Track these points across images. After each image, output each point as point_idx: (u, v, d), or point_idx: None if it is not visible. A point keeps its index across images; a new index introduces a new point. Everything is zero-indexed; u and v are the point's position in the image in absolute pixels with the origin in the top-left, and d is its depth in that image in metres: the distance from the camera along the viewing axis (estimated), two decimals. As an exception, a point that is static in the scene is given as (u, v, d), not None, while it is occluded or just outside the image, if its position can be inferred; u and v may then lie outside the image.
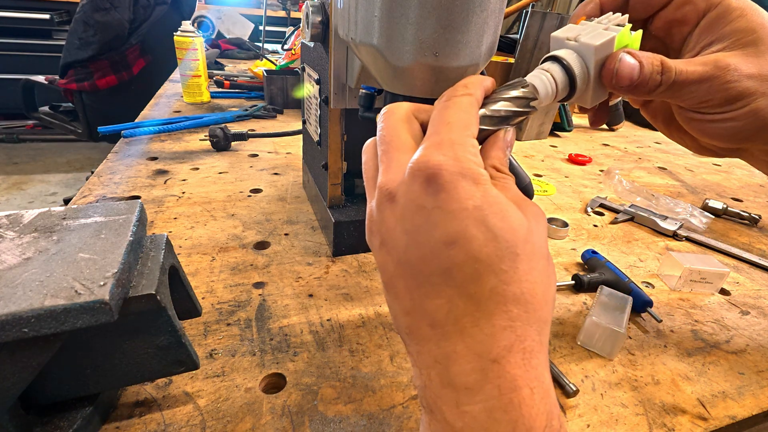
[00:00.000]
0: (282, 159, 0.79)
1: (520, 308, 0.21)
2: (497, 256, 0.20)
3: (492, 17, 0.29)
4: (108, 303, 0.22)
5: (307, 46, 0.52)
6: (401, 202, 0.22)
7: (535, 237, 0.22)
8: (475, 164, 0.22)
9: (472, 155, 0.22)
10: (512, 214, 0.21)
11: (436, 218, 0.21)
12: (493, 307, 0.20)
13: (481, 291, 0.20)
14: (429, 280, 0.21)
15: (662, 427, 0.34)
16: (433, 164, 0.21)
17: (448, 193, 0.21)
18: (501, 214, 0.21)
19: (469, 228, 0.20)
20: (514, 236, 0.21)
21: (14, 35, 2.55)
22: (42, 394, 0.27)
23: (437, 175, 0.21)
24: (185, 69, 1.03)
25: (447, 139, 0.22)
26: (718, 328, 0.46)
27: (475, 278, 0.20)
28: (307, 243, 0.53)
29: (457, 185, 0.21)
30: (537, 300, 0.21)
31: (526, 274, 0.21)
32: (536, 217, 0.23)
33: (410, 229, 0.22)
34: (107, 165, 0.69)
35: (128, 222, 0.28)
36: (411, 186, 0.22)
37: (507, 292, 0.20)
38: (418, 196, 0.21)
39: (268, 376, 0.35)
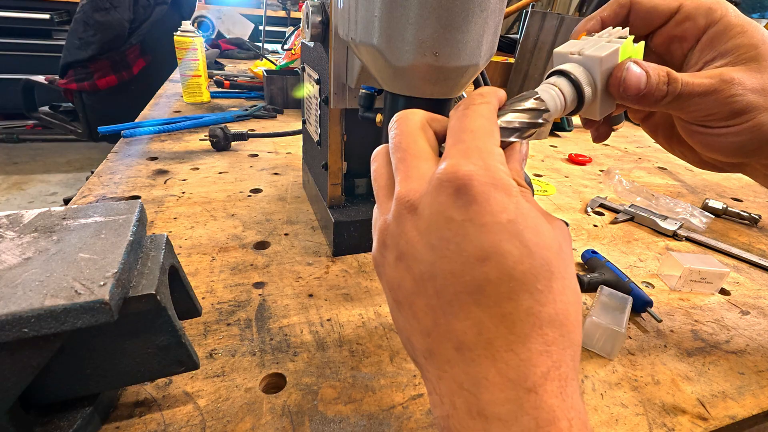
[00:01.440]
0: (282, 159, 0.79)
1: (556, 331, 0.19)
2: (533, 274, 0.19)
3: (492, 17, 0.29)
4: (108, 303, 0.22)
5: (307, 46, 0.52)
6: (426, 214, 0.21)
7: (565, 254, 0.21)
8: (507, 174, 0.21)
9: (501, 164, 0.21)
10: (545, 230, 0.20)
11: (468, 232, 0.20)
12: (529, 330, 0.19)
13: (515, 312, 0.19)
14: (457, 299, 0.20)
15: (662, 427, 0.34)
16: (463, 174, 0.20)
17: (481, 206, 0.19)
18: (535, 229, 0.20)
19: (503, 243, 0.19)
20: (549, 253, 0.20)
21: (14, 35, 2.55)
22: (42, 394, 0.27)
23: (468, 186, 0.20)
24: (185, 69, 1.03)
25: (474, 146, 0.21)
26: (718, 328, 0.46)
27: (509, 297, 0.19)
28: (307, 243, 0.53)
29: (489, 197, 0.20)
30: (570, 322, 0.20)
31: (560, 294, 0.20)
32: (564, 233, 0.22)
33: (437, 244, 0.20)
34: (107, 165, 0.69)
35: (128, 222, 0.28)
36: (437, 197, 0.20)
37: (542, 314, 0.19)
38: (447, 207, 0.20)
39: (268, 376, 0.35)
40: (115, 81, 1.68)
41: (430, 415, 0.33)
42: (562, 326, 0.19)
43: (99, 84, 1.65)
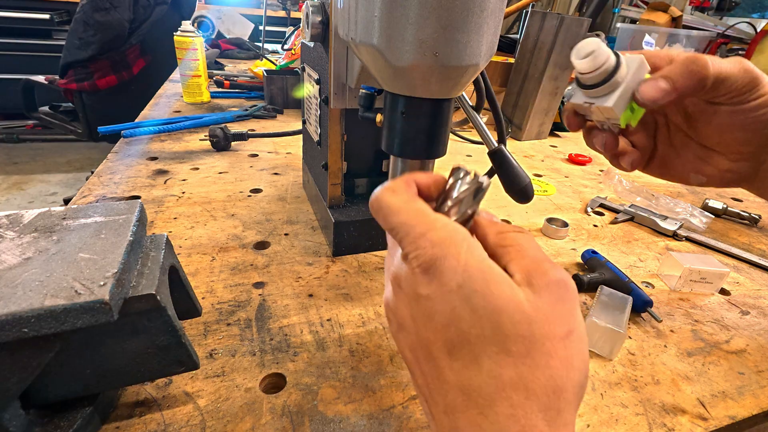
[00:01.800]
0: (282, 159, 0.79)
1: (520, 395, 0.20)
2: (485, 337, 0.20)
3: (492, 17, 0.29)
4: (108, 303, 0.22)
5: (307, 46, 0.52)
6: (406, 291, 0.23)
7: (540, 314, 0.20)
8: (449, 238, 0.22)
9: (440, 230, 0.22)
10: (500, 290, 0.21)
11: (432, 304, 0.22)
12: (494, 393, 0.20)
13: (479, 375, 0.20)
14: (437, 364, 0.22)
15: (662, 427, 0.34)
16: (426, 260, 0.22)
17: (437, 278, 0.21)
18: (483, 292, 0.20)
19: (456, 308, 0.21)
20: (501, 316, 0.20)
21: (14, 35, 2.55)
22: (42, 394, 0.27)
23: (432, 267, 0.22)
24: (185, 69, 1.03)
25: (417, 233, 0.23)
26: (718, 328, 0.46)
27: (473, 360, 0.20)
28: (307, 243, 0.53)
29: (442, 268, 0.21)
30: (539, 386, 0.20)
31: (522, 356, 0.20)
32: (550, 287, 0.21)
33: (416, 315, 0.23)
34: (107, 165, 0.69)
35: (128, 222, 0.28)
36: (410, 278, 0.23)
37: (503, 377, 0.20)
38: (416, 285, 0.23)
39: (268, 376, 0.35)
40: (115, 81, 1.68)
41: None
42: (527, 390, 0.20)
43: (99, 84, 1.65)
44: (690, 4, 2.53)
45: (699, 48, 2.10)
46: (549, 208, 0.70)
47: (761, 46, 1.84)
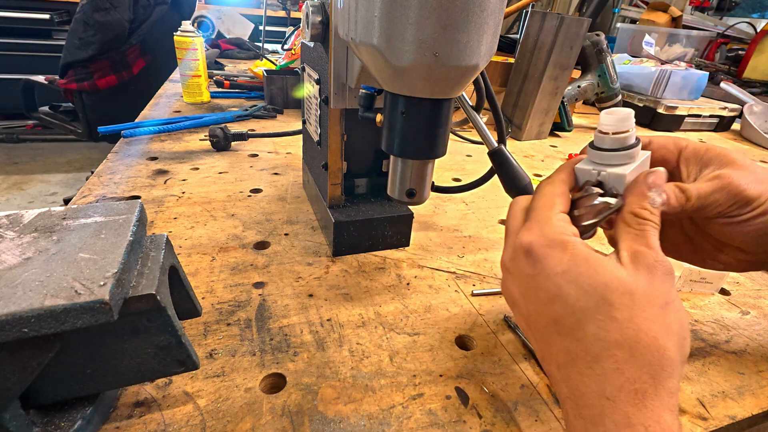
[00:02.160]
0: (282, 159, 0.79)
1: (625, 352, 0.23)
2: (591, 308, 0.24)
3: (492, 17, 0.29)
4: (108, 303, 0.22)
5: (307, 46, 0.52)
6: (513, 273, 0.29)
7: (640, 287, 0.24)
8: (560, 233, 0.27)
9: (556, 227, 0.28)
10: (604, 271, 0.25)
11: (538, 282, 0.27)
12: (599, 351, 0.24)
13: (585, 337, 0.24)
14: (546, 330, 0.27)
15: (662, 427, 0.34)
16: (525, 243, 0.28)
17: (542, 263, 0.27)
18: (589, 273, 0.25)
19: (563, 287, 0.25)
20: (606, 290, 0.24)
21: (14, 35, 2.55)
22: (42, 394, 0.27)
23: (530, 251, 0.27)
24: (185, 69, 1.03)
25: (534, 220, 0.29)
26: (718, 328, 0.46)
27: (578, 326, 0.25)
28: (307, 243, 0.53)
29: (547, 255, 0.27)
30: (643, 345, 0.23)
31: (626, 321, 0.24)
32: (651, 267, 0.25)
33: (523, 293, 0.28)
34: (107, 165, 0.69)
35: (128, 222, 0.28)
36: (515, 260, 0.29)
37: (609, 338, 0.24)
38: (522, 267, 0.28)
39: (268, 376, 0.35)
40: (115, 81, 1.67)
41: (430, 414, 0.33)
42: (632, 349, 0.23)
43: (99, 84, 1.65)
44: (690, 4, 2.53)
45: (699, 48, 2.10)
46: (549, 208, 0.70)
47: (761, 46, 1.84)
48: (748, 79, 1.84)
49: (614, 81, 1.09)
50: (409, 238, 0.55)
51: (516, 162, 0.47)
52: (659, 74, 1.28)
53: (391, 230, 0.53)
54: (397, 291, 0.46)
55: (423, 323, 0.42)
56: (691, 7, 2.51)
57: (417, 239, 0.56)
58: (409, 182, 0.38)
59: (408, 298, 0.46)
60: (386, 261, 0.52)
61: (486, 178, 0.53)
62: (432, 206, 0.66)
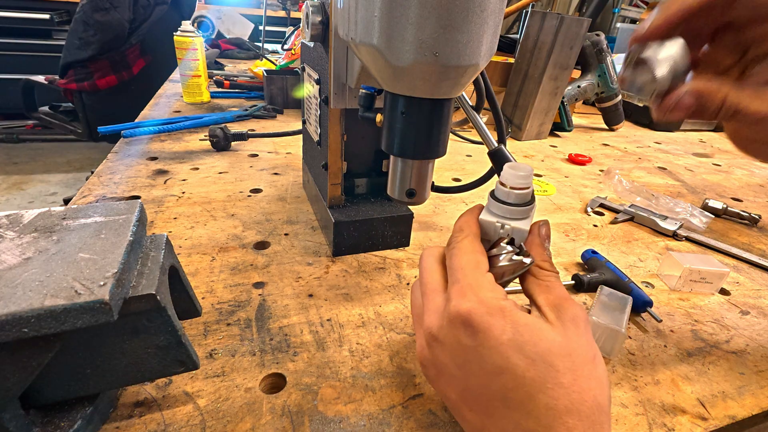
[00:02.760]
0: (282, 159, 0.79)
1: (574, 418, 0.23)
2: (540, 377, 0.24)
3: (492, 17, 0.29)
4: (108, 303, 0.22)
5: (307, 46, 0.52)
6: (447, 343, 0.27)
7: (573, 345, 0.25)
8: (497, 299, 0.26)
9: (491, 291, 0.26)
10: (544, 335, 0.25)
11: (481, 354, 0.25)
12: (551, 421, 0.23)
13: (536, 408, 0.24)
14: (491, 404, 0.25)
15: (662, 427, 0.34)
16: (463, 311, 0.26)
17: (485, 333, 0.25)
18: (533, 340, 0.25)
19: (510, 358, 0.24)
20: (550, 356, 0.24)
21: (14, 35, 2.55)
22: (42, 394, 0.27)
23: (470, 320, 0.25)
24: (185, 69, 1.03)
25: (466, 284, 0.27)
26: (718, 328, 0.46)
27: (529, 398, 0.24)
28: (307, 243, 0.53)
29: (489, 324, 0.25)
30: (587, 406, 0.24)
31: (571, 385, 0.24)
32: (574, 321, 0.26)
33: (461, 364, 0.26)
34: (107, 165, 0.69)
35: (128, 222, 0.28)
36: (451, 330, 0.26)
37: (559, 406, 0.23)
38: (461, 338, 0.26)
39: (268, 376, 0.35)
40: (115, 81, 1.67)
41: (430, 414, 0.33)
42: (579, 412, 0.23)
43: (99, 84, 1.65)
44: (690, 4, 2.52)
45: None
46: (549, 208, 0.70)
47: (761, 46, 1.83)
48: (748, 79, 1.84)
49: (614, 81, 1.09)
50: (409, 238, 0.55)
51: (516, 162, 0.47)
52: (659, 74, 1.28)
53: (391, 230, 0.53)
54: (397, 291, 0.46)
55: (423, 323, 0.42)
56: (691, 7, 2.50)
57: (417, 239, 0.56)
58: (409, 182, 0.38)
59: (408, 298, 0.46)
60: (386, 261, 0.52)
61: (486, 178, 0.53)
62: (432, 206, 0.66)
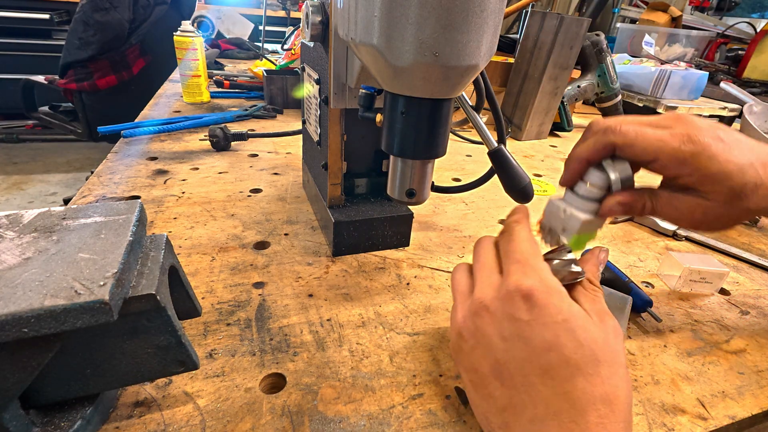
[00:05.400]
0: (282, 159, 0.79)
1: (607, 408, 0.24)
2: (584, 361, 0.25)
3: (492, 17, 0.29)
4: (108, 303, 0.22)
5: (307, 46, 0.52)
6: (498, 314, 0.28)
7: (613, 346, 0.26)
8: (557, 283, 0.28)
9: (551, 276, 0.28)
10: (592, 327, 0.26)
11: (534, 329, 0.26)
12: (585, 405, 0.24)
13: (574, 390, 0.25)
14: (528, 380, 0.26)
15: (662, 427, 0.34)
16: (525, 286, 0.27)
17: (542, 309, 0.26)
18: (584, 327, 0.26)
19: (561, 337, 0.25)
20: (596, 345, 0.26)
21: (14, 35, 2.55)
22: (42, 394, 0.27)
23: (531, 295, 0.27)
24: (185, 69, 1.03)
25: (528, 264, 0.28)
26: (718, 328, 0.46)
27: (569, 378, 0.25)
28: (307, 243, 0.53)
29: (548, 302, 0.26)
30: (620, 401, 0.25)
31: (608, 378, 0.25)
32: (614, 330, 0.27)
33: (508, 336, 0.27)
34: (107, 165, 0.69)
35: (128, 222, 0.28)
36: (507, 302, 0.27)
37: (595, 393, 0.24)
38: (516, 310, 0.27)
39: (268, 376, 0.35)
40: (115, 81, 1.67)
41: (430, 414, 0.33)
42: (612, 404, 0.24)
43: (99, 84, 1.65)
44: (690, 4, 2.53)
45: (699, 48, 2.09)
46: (549, 208, 0.70)
47: (761, 46, 1.84)
48: (748, 79, 1.84)
49: (614, 81, 1.09)
50: (409, 238, 0.55)
51: (516, 162, 0.47)
52: (659, 74, 1.28)
53: (391, 230, 0.53)
54: (397, 291, 0.46)
55: (423, 323, 0.42)
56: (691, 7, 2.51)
57: (417, 239, 0.56)
58: (409, 182, 0.38)
59: (408, 298, 0.46)
60: (386, 261, 0.52)
61: (486, 178, 0.53)
62: (432, 206, 0.66)
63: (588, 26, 0.93)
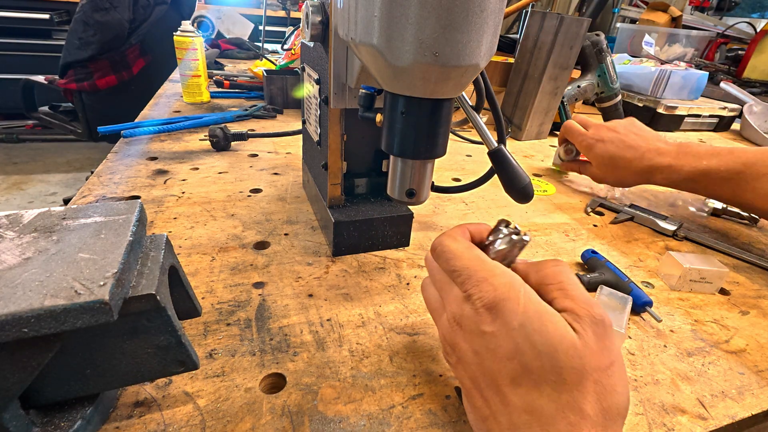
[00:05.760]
0: (282, 159, 0.79)
1: (576, 415, 0.24)
2: (543, 368, 0.24)
3: (492, 17, 0.29)
4: (108, 303, 0.22)
5: (307, 46, 0.52)
6: (467, 330, 0.28)
7: (587, 350, 0.25)
8: (511, 284, 0.27)
9: (503, 276, 0.27)
10: (554, 329, 0.25)
11: (497, 339, 0.26)
12: (554, 413, 0.24)
13: (540, 398, 0.24)
14: (501, 390, 0.26)
15: (662, 427, 0.34)
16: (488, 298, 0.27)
17: (501, 318, 0.26)
18: (541, 330, 0.25)
19: (519, 344, 0.25)
20: (555, 352, 0.24)
21: (14, 35, 2.55)
22: (42, 394, 0.27)
23: (493, 305, 0.26)
24: (185, 69, 1.03)
25: (480, 277, 0.28)
26: (718, 328, 0.46)
27: (534, 387, 0.25)
28: (307, 243, 0.53)
29: (503, 310, 0.26)
30: (590, 408, 0.24)
31: (576, 385, 0.24)
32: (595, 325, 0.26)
33: (479, 350, 0.27)
34: (107, 165, 0.69)
35: (128, 222, 0.28)
36: (472, 317, 0.27)
37: (562, 400, 0.24)
38: (479, 324, 0.27)
39: (268, 376, 0.35)
40: (114, 81, 1.67)
41: (430, 414, 0.33)
42: (581, 411, 0.24)
43: (99, 84, 1.65)
44: (690, 4, 2.53)
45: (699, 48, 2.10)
46: (549, 208, 0.70)
47: (761, 46, 1.84)
48: (748, 79, 1.84)
49: (614, 81, 1.09)
50: (408, 238, 0.55)
51: (516, 162, 0.47)
52: (659, 74, 1.28)
53: (391, 230, 0.53)
54: (397, 291, 0.46)
55: (423, 323, 0.42)
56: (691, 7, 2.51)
57: (417, 239, 0.56)
58: (409, 182, 0.38)
59: (408, 298, 0.46)
60: (386, 261, 0.52)
61: (486, 178, 0.53)
62: (432, 206, 0.66)
63: (588, 26, 0.93)
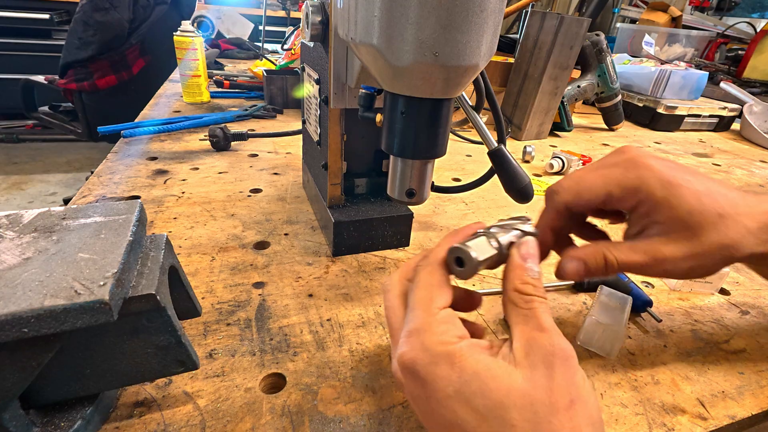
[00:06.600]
0: (282, 159, 0.79)
1: None
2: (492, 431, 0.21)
3: (492, 17, 0.29)
4: (108, 303, 0.22)
5: (306, 46, 0.52)
6: (406, 388, 0.25)
7: (539, 392, 0.22)
8: (444, 343, 0.24)
9: (438, 335, 0.24)
10: (497, 386, 0.22)
11: (431, 405, 0.23)
12: None
13: None
14: None
15: (662, 427, 0.34)
16: (408, 361, 0.24)
17: (431, 384, 0.23)
18: (482, 391, 0.22)
19: (458, 413, 0.22)
20: (503, 410, 0.21)
21: (14, 35, 2.55)
22: (42, 394, 0.27)
23: (415, 371, 0.24)
24: (185, 69, 1.03)
25: (413, 328, 0.25)
26: (718, 328, 0.46)
27: None
28: (307, 243, 0.53)
29: (434, 375, 0.23)
30: None
31: None
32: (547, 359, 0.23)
33: (419, 411, 0.25)
34: (107, 165, 0.69)
35: (128, 222, 0.28)
36: (405, 379, 0.25)
37: None
38: (412, 387, 0.24)
39: (268, 376, 0.35)
40: (114, 81, 1.67)
41: (430, 415, 0.33)
42: None
43: (99, 84, 1.65)
44: (690, 4, 2.53)
45: (699, 48, 2.10)
46: (549, 208, 0.70)
47: (761, 46, 1.84)
48: (748, 78, 1.85)
49: (614, 81, 1.09)
50: (408, 238, 0.55)
51: (516, 162, 0.47)
52: (659, 74, 1.28)
53: (391, 230, 0.53)
54: (397, 291, 0.46)
55: (423, 323, 0.42)
56: (691, 7, 2.51)
57: (417, 239, 0.56)
58: (409, 182, 0.38)
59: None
60: (386, 261, 0.52)
61: (486, 178, 0.53)
62: (432, 206, 0.66)
63: (588, 26, 0.93)
